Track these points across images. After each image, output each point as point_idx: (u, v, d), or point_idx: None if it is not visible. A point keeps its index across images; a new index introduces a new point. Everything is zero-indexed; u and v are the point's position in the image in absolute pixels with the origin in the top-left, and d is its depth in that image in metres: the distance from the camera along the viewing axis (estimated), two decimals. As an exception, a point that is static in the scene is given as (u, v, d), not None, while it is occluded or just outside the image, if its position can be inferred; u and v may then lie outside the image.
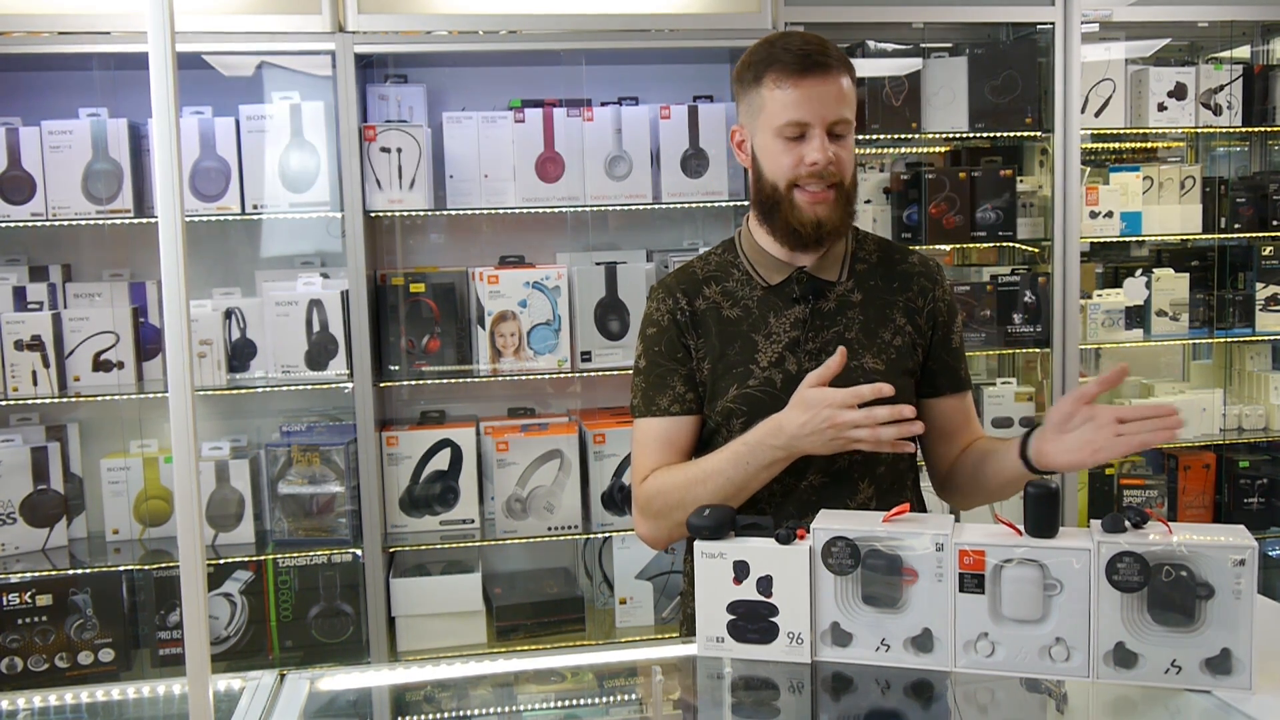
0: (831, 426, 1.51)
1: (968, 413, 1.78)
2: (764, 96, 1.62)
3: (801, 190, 1.63)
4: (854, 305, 1.70)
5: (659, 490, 1.68)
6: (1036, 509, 1.34)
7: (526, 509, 3.05)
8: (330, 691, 1.49)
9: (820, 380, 1.53)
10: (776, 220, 1.66)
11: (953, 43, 3.30)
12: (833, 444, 1.53)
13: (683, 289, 1.74)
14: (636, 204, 3.09)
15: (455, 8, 2.94)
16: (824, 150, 1.59)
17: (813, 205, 1.63)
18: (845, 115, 1.61)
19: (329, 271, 3.09)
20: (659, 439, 1.72)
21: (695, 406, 1.72)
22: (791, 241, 1.67)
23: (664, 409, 1.71)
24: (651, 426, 1.72)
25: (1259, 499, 3.48)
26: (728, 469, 1.60)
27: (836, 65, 1.60)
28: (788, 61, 1.59)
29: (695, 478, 1.64)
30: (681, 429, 1.72)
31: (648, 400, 1.73)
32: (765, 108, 1.63)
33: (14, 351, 2.82)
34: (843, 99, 1.61)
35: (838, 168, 1.61)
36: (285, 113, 2.90)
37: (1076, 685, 1.34)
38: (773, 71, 1.61)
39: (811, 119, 1.59)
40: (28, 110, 2.97)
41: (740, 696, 1.44)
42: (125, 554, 2.92)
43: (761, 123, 1.64)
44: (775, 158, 1.63)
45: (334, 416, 3.15)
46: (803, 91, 1.59)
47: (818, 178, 1.61)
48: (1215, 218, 3.44)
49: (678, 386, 1.71)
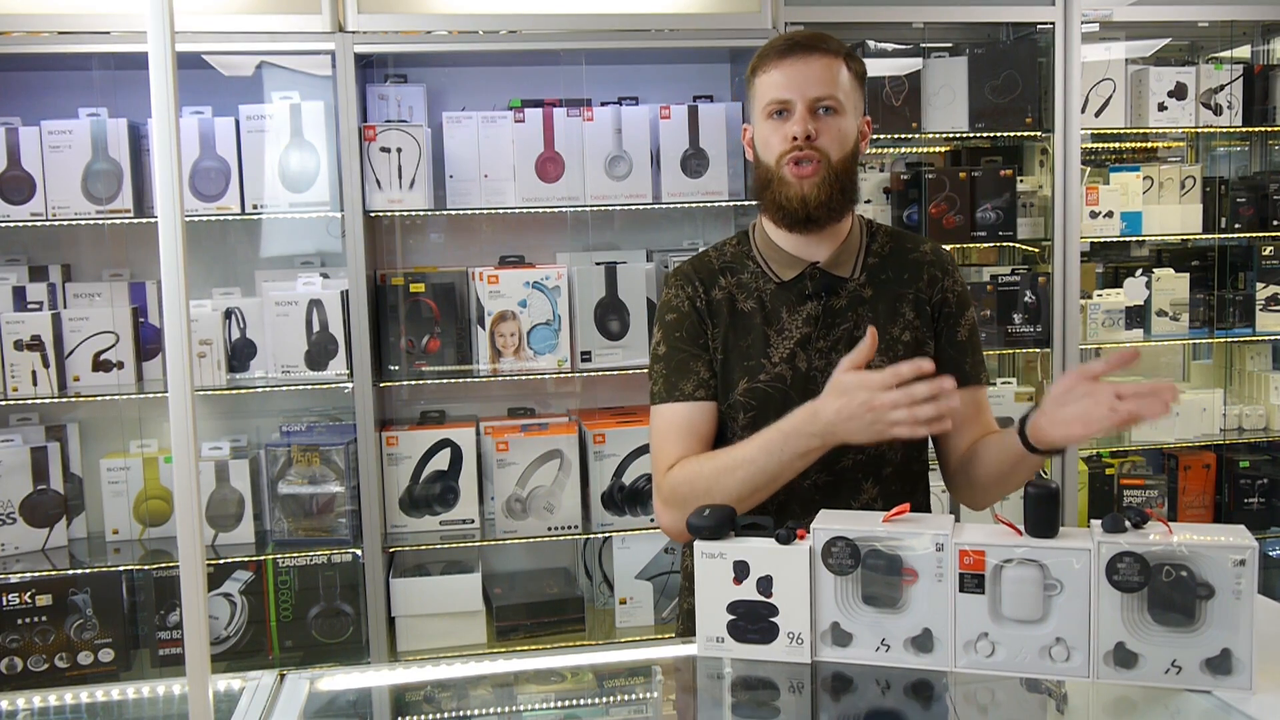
0: (870, 410, 1.45)
1: (978, 406, 1.74)
2: (756, 85, 1.67)
3: (788, 166, 1.63)
4: (865, 302, 1.70)
5: (686, 479, 1.63)
6: (1036, 509, 1.34)
7: (526, 509, 3.05)
8: (330, 691, 1.49)
9: (855, 364, 1.49)
10: (769, 202, 1.67)
11: (953, 43, 3.30)
12: (872, 428, 1.47)
13: (700, 277, 1.74)
14: (636, 204, 3.09)
15: (455, 8, 2.94)
16: (804, 124, 1.61)
17: (799, 180, 1.63)
18: (830, 92, 1.62)
19: (329, 271, 3.09)
20: (682, 426, 1.68)
21: (716, 393, 1.70)
22: (784, 220, 1.66)
23: (689, 394, 1.68)
24: (674, 413, 1.69)
25: (1259, 499, 3.48)
26: (760, 458, 1.56)
27: (824, 48, 1.64)
28: (776, 46, 1.65)
29: (725, 466, 1.59)
30: (705, 415, 1.69)
31: (670, 386, 1.69)
32: (757, 94, 1.67)
33: (14, 351, 2.82)
34: (828, 77, 1.62)
35: (821, 142, 1.62)
36: (285, 113, 2.90)
37: (1076, 685, 1.34)
38: (763, 61, 1.66)
39: (792, 95, 1.62)
40: (28, 110, 2.97)
41: (740, 696, 1.44)
42: (125, 554, 2.92)
43: (756, 112, 1.68)
44: (765, 139, 1.66)
45: (334, 416, 3.15)
46: (783, 71, 1.63)
47: (799, 151, 1.61)
48: (1215, 218, 3.44)
49: (701, 371, 1.69)
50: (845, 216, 1.71)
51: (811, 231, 1.67)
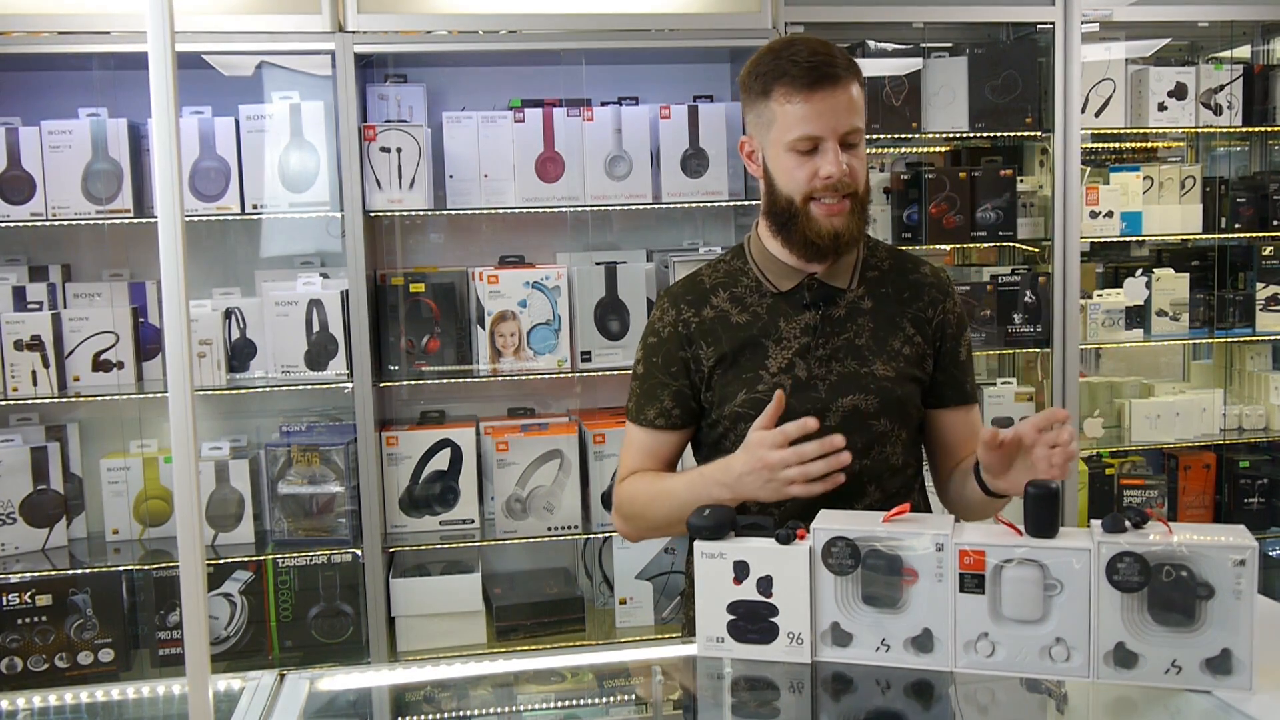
0: (765, 468, 1.51)
1: (973, 426, 1.76)
2: (774, 110, 1.60)
3: (817, 203, 1.61)
4: (865, 312, 1.70)
5: (629, 496, 1.74)
6: (1037, 509, 1.34)
7: (526, 509, 3.05)
8: (330, 692, 1.49)
9: (765, 424, 1.53)
10: (793, 233, 1.64)
11: (953, 43, 3.30)
12: (768, 486, 1.52)
13: (688, 299, 1.74)
14: (636, 204, 3.09)
15: (455, 8, 2.94)
16: (838, 163, 1.57)
17: (829, 218, 1.61)
18: (857, 124, 1.60)
19: (329, 271, 3.09)
20: (641, 447, 1.77)
21: (680, 422, 1.74)
22: (808, 254, 1.65)
23: (649, 420, 1.75)
24: (636, 433, 1.77)
25: (1259, 499, 3.48)
26: (683, 493, 1.64)
27: (845, 73, 1.58)
28: (796, 75, 1.57)
29: (658, 493, 1.69)
30: (662, 443, 1.76)
31: (638, 407, 1.77)
32: (776, 121, 1.60)
33: (14, 351, 2.82)
34: (853, 108, 1.59)
35: (852, 179, 1.60)
36: (285, 112, 2.90)
37: (1076, 685, 1.34)
38: (781, 85, 1.58)
39: (824, 132, 1.57)
40: (28, 110, 2.96)
41: (740, 696, 1.44)
42: (125, 554, 2.92)
43: (773, 137, 1.61)
44: (789, 172, 1.61)
45: (334, 416, 3.15)
46: (813, 105, 1.56)
47: (832, 190, 1.59)
48: (1215, 218, 3.44)
49: (665, 401, 1.73)
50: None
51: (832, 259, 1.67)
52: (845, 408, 1.64)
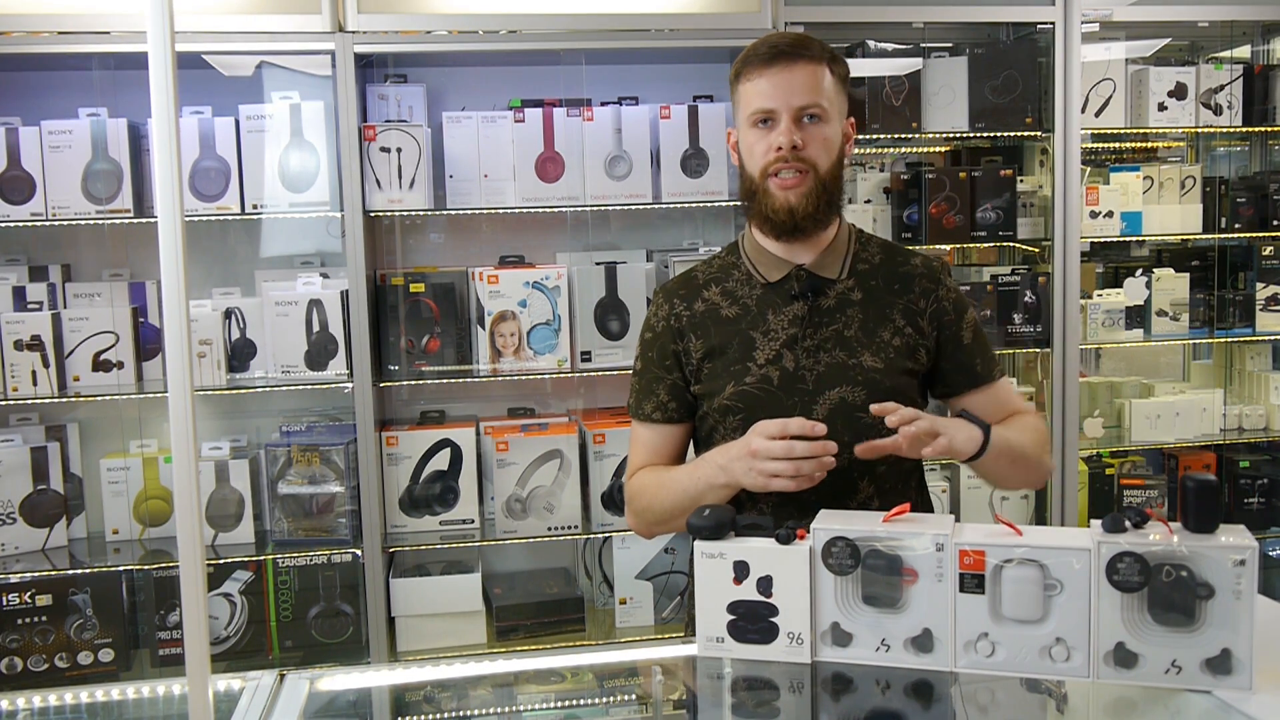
0: (751, 454, 1.52)
1: (1000, 402, 1.76)
2: (740, 92, 1.67)
3: (775, 179, 1.64)
4: (854, 304, 1.70)
5: (638, 491, 1.76)
6: (1198, 502, 1.31)
7: (526, 509, 3.05)
8: (330, 692, 1.49)
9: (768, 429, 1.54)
10: (754, 211, 1.68)
11: (953, 43, 3.30)
12: (750, 475, 1.53)
13: (681, 294, 1.77)
14: (636, 204, 3.09)
15: (455, 8, 2.94)
16: (789, 134, 1.61)
17: (784, 191, 1.63)
18: (815, 100, 1.62)
19: (329, 271, 3.09)
20: (645, 443, 1.79)
21: (678, 416, 1.76)
22: (770, 230, 1.68)
23: (647, 415, 1.78)
24: (639, 428, 1.80)
25: (1259, 499, 3.48)
26: (685, 481, 1.66)
27: (808, 54, 1.62)
28: (759, 54, 1.64)
29: (663, 483, 1.71)
30: (662, 436, 1.78)
31: (638, 402, 1.80)
32: (740, 102, 1.67)
33: (14, 351, 2.82)
34: (813, 85, 1.62)
35: (807, 152, 1.62)
36: (285, 112, 2.90)
37: (1076, 685, 1.34)
38: (747, 67, 1.65)
39: (777, 105, 1.62)
40: (27, 110, 2.96)
41: (740, 696, 1.44)
42: (125, 554, 2.92)
43: (740, 118, 1.68)
44: (750, 148, 1.67)
45: (334, 416, 3.15)
46: (769, 79, 1.62)
47: (786, 163, 1.62)
48: (1215, 218, 3.44)
49: (661, 395, 1.76)
50: (832, 223, 1.72)
51: (798, 239, 1.69)
52: (833, 399, 1.65)
